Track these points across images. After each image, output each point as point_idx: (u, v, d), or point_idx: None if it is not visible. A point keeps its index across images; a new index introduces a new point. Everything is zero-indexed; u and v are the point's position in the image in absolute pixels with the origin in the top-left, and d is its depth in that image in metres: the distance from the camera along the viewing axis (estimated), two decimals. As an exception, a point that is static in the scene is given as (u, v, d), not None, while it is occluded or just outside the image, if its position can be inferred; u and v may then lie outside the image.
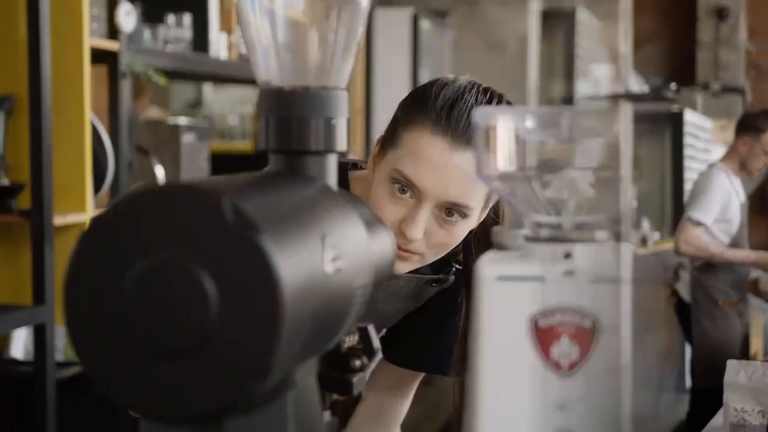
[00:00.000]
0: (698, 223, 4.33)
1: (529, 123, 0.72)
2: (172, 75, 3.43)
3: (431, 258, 1.35)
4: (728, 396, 2.03)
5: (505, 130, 0.72)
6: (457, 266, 1.47)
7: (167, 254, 0.63)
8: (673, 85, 6.84)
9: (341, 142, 0.84)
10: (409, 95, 1.35)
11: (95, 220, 0.65)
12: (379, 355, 0.87)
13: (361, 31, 0.87)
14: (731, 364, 2.10)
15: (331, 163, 0.84)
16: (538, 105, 6.39)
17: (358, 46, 0.88)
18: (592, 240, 0.71)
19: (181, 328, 0.62)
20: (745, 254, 4.50)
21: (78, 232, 2.66)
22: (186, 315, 0.62)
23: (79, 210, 2.65)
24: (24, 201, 2.53)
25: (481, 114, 0.73)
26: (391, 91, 4.77)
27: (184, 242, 0.63)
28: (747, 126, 4.49)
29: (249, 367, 0.62)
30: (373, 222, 0.87)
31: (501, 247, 0.79)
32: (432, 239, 1.31)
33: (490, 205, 1.36)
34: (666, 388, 5.16)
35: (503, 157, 0.73)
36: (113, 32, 2.81)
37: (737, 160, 4.48)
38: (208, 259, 0.62)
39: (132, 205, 0.64)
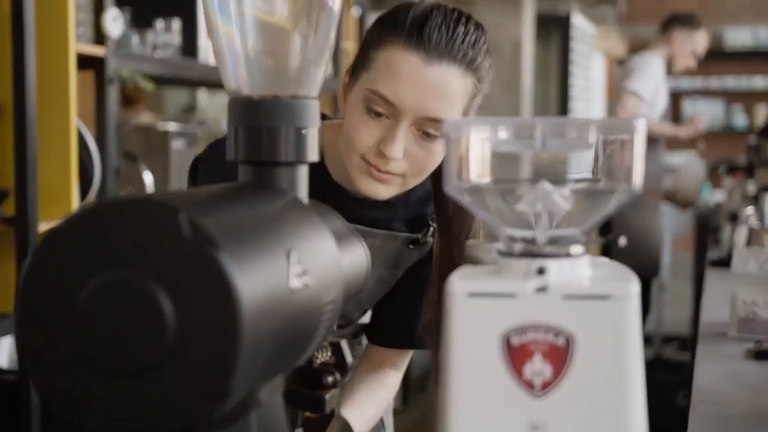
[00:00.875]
0: (634, 94, 4.42)
1: (502, 134, 0.70)
2: (161, 81, 3.40)
3: (412, 182, 1.33)
4: (737, 288, 1.89)
5: (477, 141, 0.70)
6: (434, 226, 1.46)
7: (123, 270, 0.60)
8: None
9: (312, 153, 0.82)
10: (377, 19, 1.35)
11: (50, 233, 0.63)
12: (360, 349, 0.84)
13: (332, 37, 0.85)
14: (739, 252, 1.97)
15: (302, 174, 0.81)
16: (532, 108, 6.37)
17: (331, 53, 0.86)
18: (567, 255, 0.69)
19: (136, 348, 0.60)
20: (674, 129, 4.68)
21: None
22: (142, 334, 0.60)
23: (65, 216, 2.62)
24: (8, 208, 2.50)
25: (452, 124, 0.70)
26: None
27: (140, 258, 0.60)
28: (681, 22, 4.64)
29: (208, 389, 0.60)
30: (345, 235, 0.85)
31: (475, 261, 0.77)
32: (412, 159, 1.30)
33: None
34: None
35: (475, 168, 0.71)
36: (100, 38, 2.78)
37: (665, 53, 4.63)
38: (165, 276, 0.60)
39: (88, 219, 0.62)
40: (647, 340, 5.48)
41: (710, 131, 10.10)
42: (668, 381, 4.12)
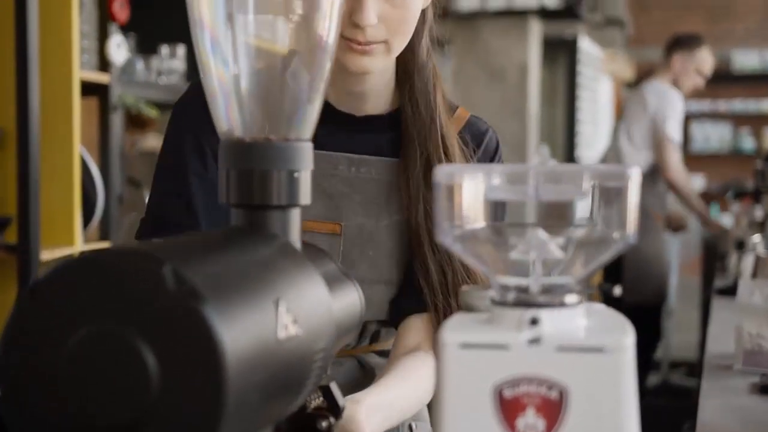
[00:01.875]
0: (673, 141, 4.49)
1: (495, 181, 0.68)
2: (166, 106, 3.40)
3: (398, 44, 1.30)
4: (742, 319, 1.85)
5: (470, 187, 0.69)
6: None
7: (106, 324, 0.59)
8: (587, 2, 6.78)
9: (305, 196, 0.81)
10: None
11: (34, 286, 0.62)
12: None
13: (326, 77, 0.84)
14: (744, 284, 1.93)
15: (295, 217, 0.80)
16: (539, 133, 6.37)
17: (324, 93, 0.84)
18: (561, 304, 0.68)
19: (119, 403, 0.59)
20: (705, 211, 4.75)
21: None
22: (125, 389, 0.59)
23: (67, 244, 2.62)
24: (10, 236, 2.50)
25: (444, 171, 0.69)
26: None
27: (123, 311, 0.59)
28: (681, 44, 4.67)
29: (192, 444, 0.59)
30: (338, 278, 0.84)
31: (469, 308, 0.76)
32: (388, 21, 1.27)
33: None
34: None
35: (467, 215, 0.70)
36: (104, 64, 2.79)
37: (670, 77, 4.66)
38: (149, 330, 0.59)
39: (72, 271, 0.61)
40: (655, 365, 5.45)
41: (718, 154, 10.16)
42: (675, 407, 4.10)
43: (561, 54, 7.57)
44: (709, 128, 10.25)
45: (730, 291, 2.87)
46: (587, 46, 7.92)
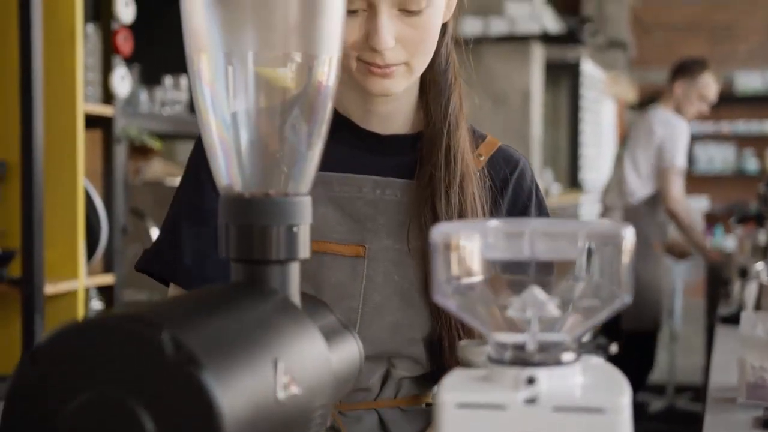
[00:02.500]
0: (681, 169, 4.51)
1: (491, 239, 0.69)
2: (170, 137, 3.42)
3: (419, 64, 1.27)
4: (745, 352, 1.82)
5: (466, 246, 0.69)
6: None
7: (105, 390, 0.60)
8: (588, 27, 6.79)
9: (304, 250, 0.81)
10: None
11: (35, 350, 0.62)
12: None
13: (324, 129, 0.85)
14: (746, 316, 1.91)
15: (294, 271, 0.81)
16: (542, 157, 6.38)
17: (323, 145, 0.85)
18: (557, 363, 0.68)
19: (118, 468, 0.59)
20: (702, 242, 4.76)
21: (70, 300, 2.64)
22: (124, 454, 0.59)
23: (71, 277, 2.62)
24: (15, 269, 2.50)
25: (439, 230, 0.70)
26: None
27: (123, 377, 0.60)
28: (682, 70, 4.70)
29: None
30: (337, 331, 0.84)
31: (467, 364, 0.76)
32: (406, 42, 1.23)
33: None
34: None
35: (463, 272, 0.70)
36: (108, 96, 2.80)
37: (673, 104, 4.68)
38: (147, 396, 0.59)
39: (71, 337, 0.61)
40: (660, 389, 5.43)
41: (721, 175, 10.18)
42: (681, 433, 4.08)
43: (564, 77, 7.60)
44: (712, 149, 10.27)
45: (734, 319, 2.86)
46: (590, 69, 7.95)
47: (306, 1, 0.80)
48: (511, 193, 1.38)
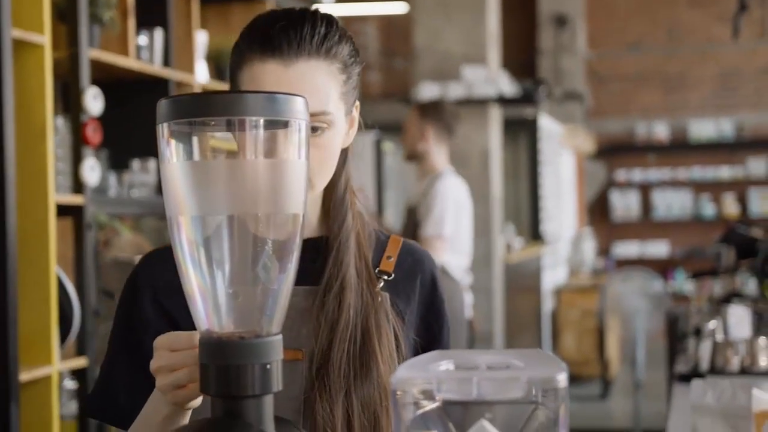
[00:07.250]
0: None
1: (443, 386, 0.79)
2: (137, 220, 3.50)
3: (319, 182, 1.32)
4: (696, 421, 1.86)
5: (421, 393, 0.79)
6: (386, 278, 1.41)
7: None
8: (542, 89, 6.97)
9: (277, 383, 0.91)
10: (233, 46, 1.35)
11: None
12: None
13: (292, 275, 0.95)
14: (696, 384, 1.95)
15: (268, 403, 0.90)
16: (503, 214, 6.51)
17: (291, 287, 0.95)
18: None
19: None
20: None
21: (44, 386, 2.70)
22: None
23: (45, 363, 2.69)
24: (-10, 358, 2.56)
25: (399, 379, 0.79)
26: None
27: None
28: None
29: None
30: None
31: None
32: (310, 161, 1.25)
33: (354, 104, 1.36)
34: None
35: (416, 406, 0.80)
36: (78, 185, 2.88)
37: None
38: None
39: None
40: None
41: (680, 221, 10.39)
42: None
43: (522, 133, 7.76)
44: (670, 196, 10.48)
45: (691, 377, 2.96)
46: (547, 124, 8.12)
47: (272, 169, 0.90)
48: (419, 286, 1.44)
